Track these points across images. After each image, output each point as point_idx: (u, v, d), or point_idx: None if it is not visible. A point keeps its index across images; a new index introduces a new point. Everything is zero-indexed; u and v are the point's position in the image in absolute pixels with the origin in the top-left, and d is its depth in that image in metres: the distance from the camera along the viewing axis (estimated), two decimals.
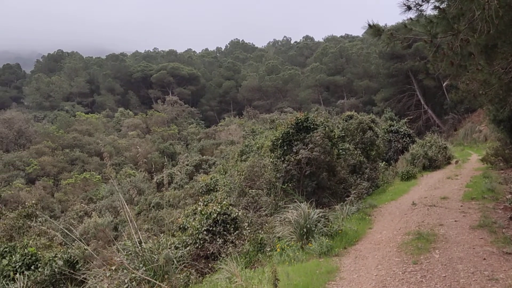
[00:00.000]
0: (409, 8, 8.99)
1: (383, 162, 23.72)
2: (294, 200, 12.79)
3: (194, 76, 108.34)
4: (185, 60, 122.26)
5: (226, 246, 11.38)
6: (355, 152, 19.61)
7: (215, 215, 12.16)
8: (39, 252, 13.48)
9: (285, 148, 16.03)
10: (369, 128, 22.13)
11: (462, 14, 8.47)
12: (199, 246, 11.69)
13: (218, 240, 11.67)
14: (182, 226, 14.45)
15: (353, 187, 16.68)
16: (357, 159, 19.29)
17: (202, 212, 12.60)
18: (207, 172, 41.83)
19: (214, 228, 11.98)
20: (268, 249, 10.46)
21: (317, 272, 8.09)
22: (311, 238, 10.03)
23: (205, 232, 11.87)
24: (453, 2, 8.61)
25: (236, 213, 12.63)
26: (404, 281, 7.25)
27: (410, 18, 9.27)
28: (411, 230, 10.63)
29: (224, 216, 12.22)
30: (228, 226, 12.10)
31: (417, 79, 58.54)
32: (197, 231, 11.94)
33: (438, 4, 8.83)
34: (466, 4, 8.28)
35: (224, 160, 38.12)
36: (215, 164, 44.39)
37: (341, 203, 14.04)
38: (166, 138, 73.70)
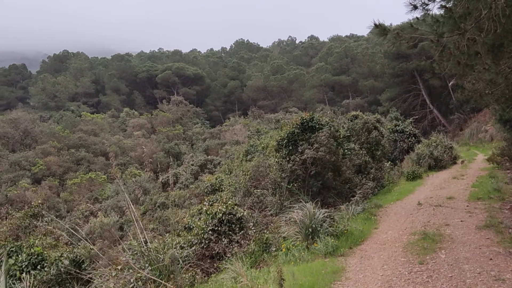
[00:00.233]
0: (415, 8, 8.95)
1: (389, 162, 23.64)
2: (300, 200, 12.77)
3: (199, 76, 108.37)
4: (190, 60, 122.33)
5: (232, 246, 11.38)
6: (361, 152, 19.57)
7: (221, 215, 12.15)
8: (45, 252, 13.53)
9: (291, 148, 16.02)
10: (375, 128, 22.06)
11: (469, 13, 8.43)
12: (205, 246, 11.69)
13: (224, 240, 11.67)
14: (188, 226, 14.47)
15: (359, 187, 16.66)
16: (363, 159, 19.25)
17: (208, 212, 12.60)
18: (212, 172, 41.85)
19: (220, 228, 11.98)
20: (274, 249, 10.46)
21: (323, 272, 8.08)
22: (317, 238, 10.01)
23: (211, 232, 11.86)
24: (460, 1, 8.57)
25: (242, 213, 12.62)
26: (410, 281, 7.23)
27: (416, 18, 9.22)
28: (417, 230, 10.60)
29: (230, 216, 12.22)
30: (234, 226, 12.10)
31: (423, 79, 58.37)
32: (203, 231, 11.94)
33: (445, 3, 8.79)
34: (473, 3, 8.24)
35: (229, 160, 38.11)
36: (220, 164, 44.40)
37: (347, 203, 14.02)
38: (171, 138, 73.76)
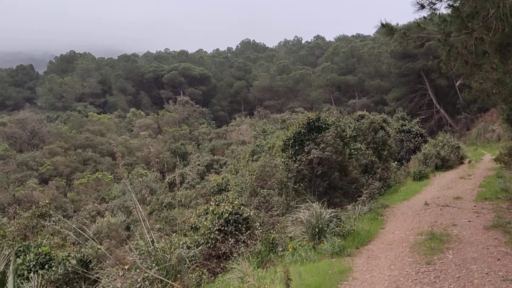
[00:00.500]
0: (423, 7, 8.92)
1: (395, 162, 23.57)
2: (306, 200, 12.75)
3: (205, 76, 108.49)
4: (196, 61, 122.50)
5: (238, 246, 11.38)
6: (367, 152, 19.53)
7: (227, 215, 12.16)
8: (53, 252, 13.59)
9: (297, 148, 16.01)
10: (381, 128, 22.01)
11: (477, 13, 8.39)
12: (211, 246, 11.70)
13: (230, 240, 11.68)
14: (194, 226, 14.49)
15: (365, 187, 16.62)
16: (369, 159, 19.21)
17: (214, 212, 12.62)
18: (218, 172, 41.92)
19: (226, 228, 11.98)
20: (280, 249, 10.46)
21: (330, 272, 8.07)
22: (323, 238, 10.00)
23: (217, 232, 11.88)
24: (467, 1, 8.54)
25: (248, 213, 12.62)
26: (418, 282, 7.20)
27: (424, 17, 9.18)
28: (424, 230, 10.56)
29: (236, 216, 12.22)
30: (240, 226, 12.10)
31: (429, 79, 58.13)
32: (209, 231, 11.95)
33: (452, 2, 8.75)
34: (480, 2, 8.20)
35: (235, 160, 38.09)
36: (226, 164, 44.46)
37: (353, 203, 13.99)
38: (178, 138, 73.92)
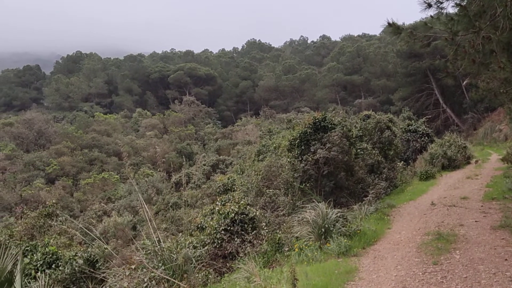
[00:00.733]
0: (430, 6, 8.88)
1: (401, 162, 23.51)
2: (312, 200, 12.74)
3: (211, 76, 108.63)
4: (202, 61, 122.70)
5: (244, 246, 11.37)
6: (373, 152, 19.49)
7: (233, 215, 12.16)
8: (60, 251, 13.65)
9: (303, 148, 16.00)
10: (387, 128, 21.95)
11: (484, 11, 8.35)
12: (217, 246, 11.71)
13: (236, 240, 11.67)
14: (200, 226, 14.53)
15: (371, 187, 16.59)
16: (375, 159, 19.17)
17: (220, 212, 12.63)
18: (224, 172, 41.97)
19: (232, 228, 11.99)
20: (286, 249, 10.44)
21: (336, 272, 8.05)
22: (330, 238, 9.99)
23: (223, 232, 11.88)
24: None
25: (254, 213, 12.62)
26: (424, 282, 7.17)
27: (430, 16, 9.14)
28: (431, 231, 10.52)
29: (242, 216, 12.22)
30: (246, 226, 12.10)
31: (436, 78, 57.93)
32: (215, 231, 11.96)
33: (459, 1, 8.71)
34: (488, 1, 8.16)
35: (241, 160, 38.14)
36: (232, 164, 44.51)
37: (359, 203, 13.96)
38: (183, 138, 74.08)
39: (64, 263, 12.64)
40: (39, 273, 11.59)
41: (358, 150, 18.23)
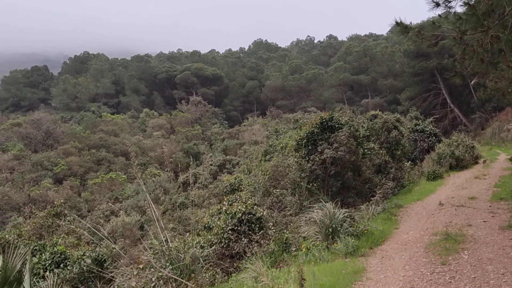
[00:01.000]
0: (438, 5, 8.84)
1: (409, 162, 23.40)
2: (319, 200, 12.73)
3: (218, 77, 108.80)
4: (209, 61, 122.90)
5: (251, 246, 11.36)
6: (380, 152, 19.43)
7: (240, 215, 12.15)
8: (68, 251, 13.71)
9: (310, 148, 15.98)
10: (394, 128, 21.88)
11: (492, 10, 8.31)
12: (224, 246, 11.71)
13: (243, 240, 11.66)
14: (207, 226, 14.54)
15: (379, 187, 16.54)
16: (382, 159, 19.11)
17: (227, 212, 12.62)
18: (231, 172, 41.99)
19: (239, 228, 11.98)
20: (294, 249, 10.44)
21: (343, 272, 8.04)
22: (337, 238, 9.97)
23: (230, 232, 11.87)
24: None
25: (261, 213, 12.61)
26: (433, 282, 7.15)
27: (439, 15, 9.10)
28: (439, 231, 10.48)
29: (249, 216, 12.21)
30: (253, 226, 12.08)
31: (443, 78, 57.66)
32: (222, 231, 11.96)
33: (467, 0, 8.66)
34: (497, 0, 8.11)
35: (248, 160, 38.15)
36: (239, 164, 44.55)
37: (367, 203, 13.93)
38: (190, 138, 74.26)
39: (72, 263, 12.69)
40: (48, 273, 11.63)
41: (365, 150, 18.17)
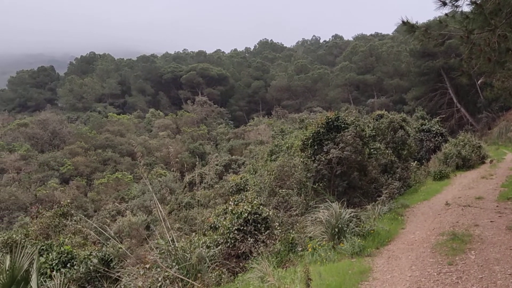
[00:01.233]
0: (445, 4, 8.80)
1: (415, 162, 23.31)
2: (325, 200, 12.72)
3: (223, 77, 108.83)
4: (214, 61, 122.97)
5: (257, 246, 11.37)
6: (386, 152, 19.37)
7: (246, 215, 12.16)
8: (75, 250, 13.78)
9: (316, 148, 15.96)
10: (400, 127, 21.81)
11: (500, 10, 8.26)
12: (231, 245, 11.73)
13: (249, 240, 11.67)
14: (213, 226, 14.56)
15: (385, 187, 16.50)
16: (388, 159, 19.05)
17: (233, 212, 12.64)
18: (237, 172, 42.04)
19: (245, 228, 11.99)
20: (300, 249, 10.44)
21: (350, 272, 8.03)
22: (343, 238, 9.96)
23: (236, 232, 11.89)
24: None
25: (267, 213, 12.62)
26: (439, 282, 7.12)
27: (445, 14, 9.06)
28: (445, 231, 10.44)
29: (255, 216, 12.22)
30: (259, 226, 12.09)
31: (450, 77, 57.41)
32: (228, 231, 11.98)
33: None
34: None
35: (254, 160, 38.14)
36: (245, 164, 44.56)
37: (373, 203, 13.90)
38: (196, 138, 74.35)
39: (79, 262, 12.76)
40: (55, 272, 11.70)
41: (371, 150, 18.13)
